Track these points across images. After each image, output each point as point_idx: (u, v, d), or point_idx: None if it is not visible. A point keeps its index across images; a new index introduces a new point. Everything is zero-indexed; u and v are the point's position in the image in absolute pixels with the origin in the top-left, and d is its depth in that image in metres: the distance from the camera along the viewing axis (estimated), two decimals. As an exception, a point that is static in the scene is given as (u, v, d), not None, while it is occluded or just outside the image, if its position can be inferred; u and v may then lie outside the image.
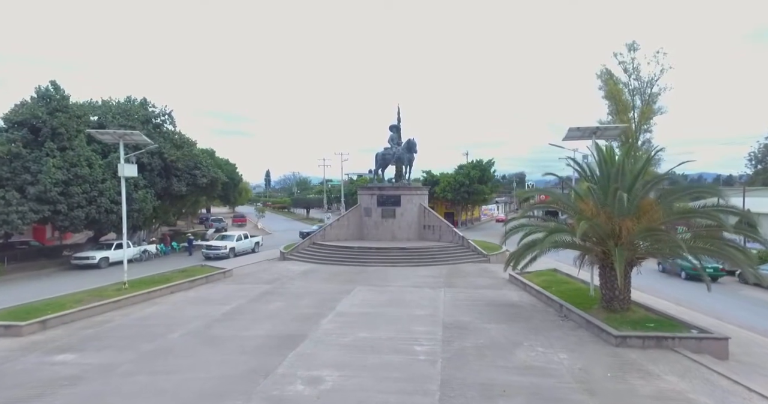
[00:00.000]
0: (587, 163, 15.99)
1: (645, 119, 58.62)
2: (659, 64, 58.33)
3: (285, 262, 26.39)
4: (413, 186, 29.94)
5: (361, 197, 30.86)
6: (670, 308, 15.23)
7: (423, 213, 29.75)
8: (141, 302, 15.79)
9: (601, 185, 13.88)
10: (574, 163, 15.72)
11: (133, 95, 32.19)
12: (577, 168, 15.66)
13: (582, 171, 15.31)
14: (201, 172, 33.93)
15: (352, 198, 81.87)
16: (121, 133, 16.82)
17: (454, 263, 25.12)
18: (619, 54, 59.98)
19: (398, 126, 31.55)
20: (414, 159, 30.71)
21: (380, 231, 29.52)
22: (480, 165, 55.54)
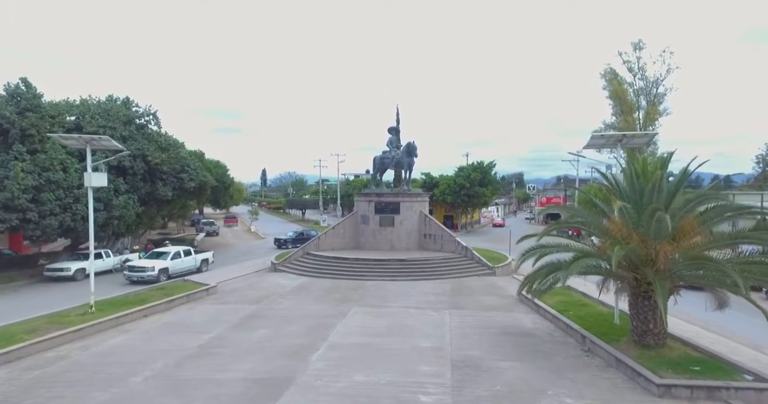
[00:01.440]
0: (611, 174, 14.24)
1: (650, 120, 57.15)
2: (665, 64, 57.07)
3: (276, 275, 24.57)
4: (413, 192, 28.18)
5: (357, 204, 29.06)
6: (702, 335, 13.57)
7: (424, 221, 27.98)
8: (108, 329, 13.94)
9: (633, 201, 12.16)
10: (600, 175, 13.96)
11: (116, 94, 30.28)
12: (605, 182, 13.93)
13: (609, 185, 13.56)
14: (189, 175, 32.09)
15: (348, 199, 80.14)
16: (88, 138, 14.93)
17: (458, 276, 23.38)
18: (624, 53, 58.62)
19: (397, 128, 29.76)
20: (414, 163, 28.96)
21: (378, 241, 27.74)
22: (481, 167, 53.86)
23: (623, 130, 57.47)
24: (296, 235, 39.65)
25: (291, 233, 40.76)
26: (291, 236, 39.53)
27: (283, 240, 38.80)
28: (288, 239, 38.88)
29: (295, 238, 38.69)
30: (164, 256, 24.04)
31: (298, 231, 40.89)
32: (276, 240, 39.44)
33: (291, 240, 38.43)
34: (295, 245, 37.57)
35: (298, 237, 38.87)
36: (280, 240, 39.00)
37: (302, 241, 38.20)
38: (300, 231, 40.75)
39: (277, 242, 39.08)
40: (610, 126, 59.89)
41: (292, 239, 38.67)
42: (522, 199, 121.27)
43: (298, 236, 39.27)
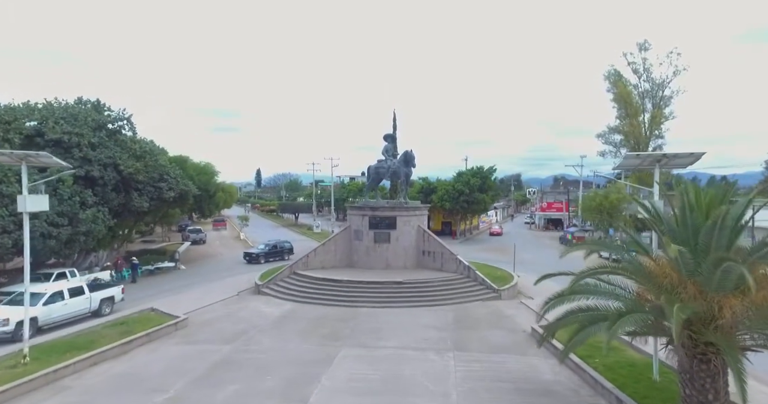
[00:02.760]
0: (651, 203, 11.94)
1: (656, 124, 55.11)
2: (672, 65, 55.15)
3: (259, 299, 22.17)
4: (411, 205, 25.84)
5: (350, 218, 26.68)
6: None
7: (422, 237, 25.66)
8: (42, 387, 11.51)
9: (683, 240, 9.87)
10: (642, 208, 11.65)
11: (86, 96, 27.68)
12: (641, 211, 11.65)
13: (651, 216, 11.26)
14: (168, 184, 29.64)
15: (343, 203, 77.74)
16: (23, 154, 12.42)
17: (461, 301, 21.09)
18: (629, 54, 56.60)
19: (394, 135, 27.41)
20: (411, 173, 26.66)
21: (372, 258, 25.40)
22: (480, 172, 51.66)
23: (629, 133, 55.51)
24: (269, 249, 35.93)
25: (262, 246, 36.78)
26: (263, 250, 35.82)
27: (254, 255, 34.94)
28: (259, 253, 35.16)
29: (268, 252, 35.33)
30: (36, 299, 16.16)
31: (271, 244, 36.86)
32: (246, 255, 35.35)
33: (263, 254, 34.91)
34: (267, 259, 34.40)
35: (271, 251, 35.60)
36: (251, 255, 35.05)
37: (276, 255, 35.57)
38: (273, 244, 36.87)
39: (247, 257, 35.07)
40: (614, 129, 57.95)
41: (264, 253, 35.16)
42: (520, 202, 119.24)
43: (271, 249, 35.83)
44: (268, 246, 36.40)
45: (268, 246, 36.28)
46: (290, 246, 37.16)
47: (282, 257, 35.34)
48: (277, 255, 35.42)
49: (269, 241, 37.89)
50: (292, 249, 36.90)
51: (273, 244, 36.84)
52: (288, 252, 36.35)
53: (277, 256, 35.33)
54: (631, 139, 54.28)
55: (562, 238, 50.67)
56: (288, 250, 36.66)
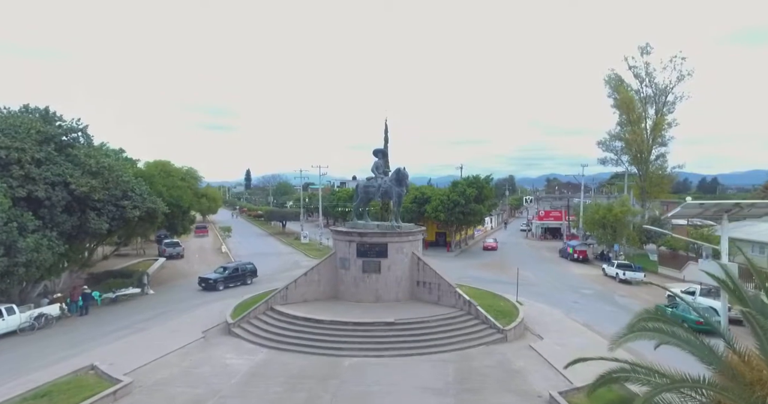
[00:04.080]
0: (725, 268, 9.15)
1: (658, 131, 52.86)
2: (676, 70, 52.91)
3: (228, 343, 19.10)
4: (404, 230, 22.93)
5: (336, 243, 23.71)
6: None
7: (417, 265, 22.79)
8: None
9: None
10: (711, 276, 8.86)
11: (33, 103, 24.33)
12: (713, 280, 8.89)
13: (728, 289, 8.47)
14: (132, 202, 26.41)
15: (333, 210, 74.58)
16: None
17: (462, 346, 18.24)
18: (630, 58, 54.26)
19: (385, 150, 24.53)
20: (404, 193, 23.77)
21: (360, 290, 22.47)
22: (477, 182, 48.95)
23: (631, 141, 53.18)
24: (229, 272, 31.33)
25: (221, 269, 31.88)
26: (221, 274, 31.00)
27: (211, 281, 30.14)
28: (217, 279, 30.40)
29: (228, 277, 31.01)
30: None
31: (231, 267, 32.21)
32: (201, 281, 30.45)
33: (221, 280, 30.45)
34: (227, 285, 30.33)
35: (231, 275, 31.27)
36: (207, 281, 30.19)
37: (237, 279, 31.42)
38: (233, 267, 32.25)
39: (202, 283, 30.25)
40: (615, 136, 55.63)
41: (224, 278, 30.65)
42: (514, 206, 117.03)
43: (231, 273, 31.37)
44: (227, 269, 31.80)
45: (227, 270, 31.67)
46: (253, 268, 32.97)
47: (244, 281, 31.68)
48: (238, 280, 31.49)
49: (228, 264, 33.32)
50: (255, 272, 32.95)
51: (233, 267, 32.33)
52: (251, 276, 32.44)
53: (238, 281, 31.42)
54: (633, 147, 52.02)
55: (563, 251, 48.15)
56: (250, 273, 32.56)
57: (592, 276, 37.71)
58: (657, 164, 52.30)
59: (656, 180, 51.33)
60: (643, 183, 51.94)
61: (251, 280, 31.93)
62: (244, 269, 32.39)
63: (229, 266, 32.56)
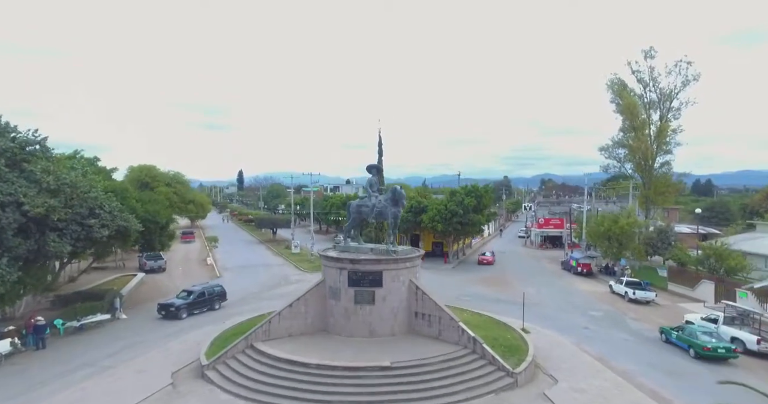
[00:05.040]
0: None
1: (663, 137, 50.96)
2: (681, 75, 51.02)
3: (199, 392, 16.67)
4: (401, 255, 20.55)
5: (325, 270, 21.34)
6: None
7: (415, 295, 20.49)
8: None
9: None
10: None
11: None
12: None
13: None
14: (100, 221, 23.95)
15: (326, 217, 72.09)
16: None
17: (467, 397, 15.99)
18: (634, 62, 52.35)
19: (379, 166, 22.40)
20: (400, 214, 21.44)
21: (352, 323, 20.14)
22: (475, 191, 46.78)
23: (635, 148, 51.17)
24: (194, 297, 27.65)
25: (184, 294, 28.09)
26: (185, 300, 27.33)
27: (173, 308, 26.40)
28: (180, 305, 26.66)
29: (192, 302, 27.44)
30: None
31: (196, 291, 28.24)
32: (161, 308, 26.63)
33: (185, 306, 26.85)
34: (191, 311, 27.00)
35: (196, 300, 27.71)
36: (168, 308, 26.43)
37: (203, 305, 27.98)
38: (199, 291, 28.36)
39: (162, 311, 26.53)
40: (618, 143, 53.63)
41: (187, 304, 27.05)
42: (511, 210, 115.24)
43: (196, 298, 27.75)
44: (192, 293, 27.94)
45: (192, 294, 27.84)
46: (221, 291, 29.65)
47: (212, 306, 28.52)
48: (205, 305, 28.17)
49: (193, 287, 29.13)
50: (224, 295, 29.66)
51: (199, 291, 28.34)
52: (219, 299, 29.20)
53: (204, 306, 28.13)
54: (637, 154, 50.04)
55: (565, 263, 46.11)
56: (219, 296, 29.26)
57: (598, 293, 35.64)
58: (661, 172, 50.40)
59: (661, 188, 49.39)
60: (648, 191, 50.00)
61: (219, 305, 28.86)
62: (211, 292, 28.89)
63: (194, 289, 28.55)
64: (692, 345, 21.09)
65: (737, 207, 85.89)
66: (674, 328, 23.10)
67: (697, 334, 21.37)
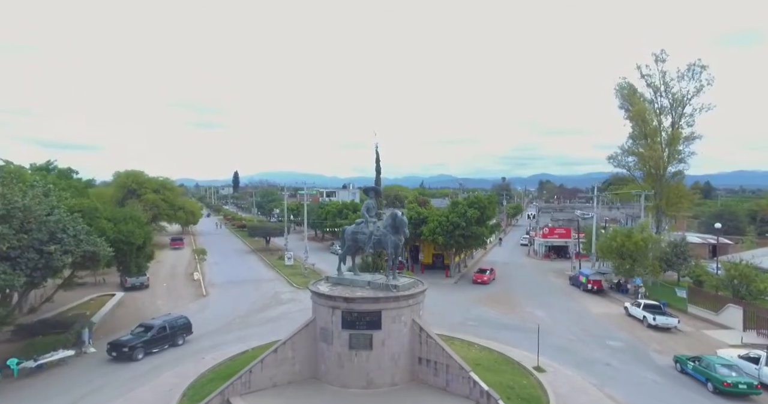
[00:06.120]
0: None
1: (675, 145, 48.53)
2: (694, 80, 48.61)
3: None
4: (403, 292, 17.87)
5: (316, 308, 18.63)
6: None
7: (418, 337, 17.83)
8: None
9: None
10: None
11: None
12: None
13: None
14: (63, 246, 21.20)
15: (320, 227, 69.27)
16: None
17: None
18: (644, 66, 49.90)
19: (377, 188, 19.67)
20: (401, 243, 18.74)
21: (347, 372, 17.44)
22: (478, 203, 44.13)
23: (647, 157, 48.70)
24: (153, 334, 23.68)
25: (140, 329, 24.13)
26: (141, 337, 23.36)
27: (127, 348, 22.40)
28: (135, 344, 22.70)
29: (151, 340, 23.54)
30: None
31: (157, 326, 24.17)
32: (112, 348, 22.62)
33: (141, 345, 22.96)
34: (149, 350, 23.21)
35: (156, 337, 23.76)
36: (121, 348, 22.44)
37: (164, 341, 24.16)
38: (160, 326, 24.28)
39: (113, 351, 22.56)
40: (628, 151, 51.12)
41: (144, 342, 23.12)
42: (511, 215, 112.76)
43: (156, 334, 23.83)
44: (150, 329, 23.95)
45: (150, 330, 23.81)
46: (185, 323, 25.82)
47: (174, 342, 24.77)
48: (166, 341, 24.38)
49: (153, 320, 25.09)
50: (189, 328, 25.88)
51: (159, 326, 24.20)
52: (183, 333, 25.42)
53: (165, 342, 24.31)
54: (649, 163, 47.55)
55: (574, 279, 43.50)
56: (182, 330, 25.46)
57: (613, 316, 33.05)
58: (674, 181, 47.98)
59: (674, 199, 46.96)
60: (659, 201, 47.55)
61: (183, 340, 25.32)
62: (173, 326, 24.95)
63: (153, 324, 24.42)
64: (711, 378, 19.93)
65: (744, 213, 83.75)
66: (690, 358, 21.80)
67: (716, 367, 20.02)
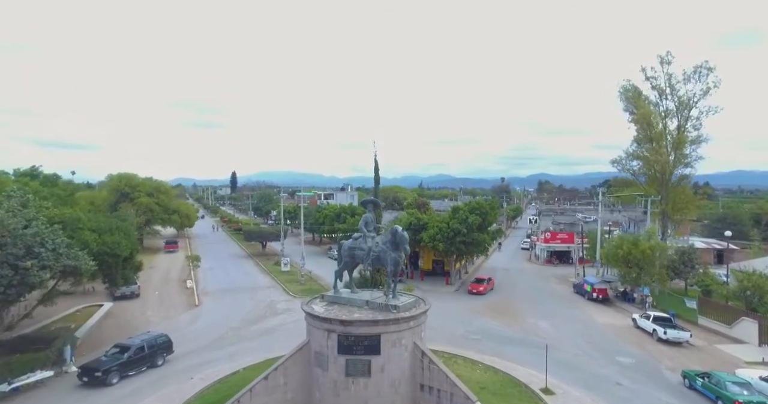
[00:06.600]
0: None
1: (681, 149, 47.32)
2: (700, 82, 47.40)
3: None
4: (403, 314, 16.59)
5: (310, 330, 17.36)
6: None
7: (420, 363, 16.57)
8: None
9: None
10: None
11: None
12: None
13: None
14: (40, 261, 19.90)
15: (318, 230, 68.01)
16: None
17: None
18: (650, 68, 48.71)
19: (376, 201, 18.36)
20: (401, 260, 17.47)
21: (343, 400, 16.18)
22: (480, 208, 42.92)
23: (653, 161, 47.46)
24: (130, 355, 21.86)
25: (116, 350, 22.27)
26: (117, 360, 21.48)
27: (101, 372, 20.51)
28: (110, 368, 20.88)
29: (128, 362, 21.74)
30: None
31: (135, 346, 22.35)
32: (83, 373, 20.71)
33: (116, 368, 21.14)
34: (125, 373, 21.42)
35: (132, 359, 21.94)
36: (93, 373, 20.53)
37: (142, 362, 22.40)
38: (139, 346, 22.51)
39: (85, 375, 20.63)
40: (633, 155, 49.93)
41: (120, 365, 21.30)
42: (511, 217, 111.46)
43: (134, 355, 22.02)
44: (128, 349, 22.04)
45: (128, 351, 21.95)
46: (166, 342, 24.08)
47: (153, 362, 23.08)
48: (144, 363, 22.65)
49: (131, 340, 23.17)
50: (170, 346, 24.23)
51: (137, 346, 22.38)
52: (163, 352, 23.74)
53: (144, 364, 22.59)
54: (655, 167, 46.29)
55: (578, 287, 42.28)
56: (162, 348, 23.76)
57: (620, 328, 31.85)
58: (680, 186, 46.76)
59: (680, 204, 45.74)
60: (665, 206, 46.33)
61: (163, 360, 23.62)
62: (153, 345, 23.15)
63: (131, 344, 22.51)
64: (721, 396, 19.52)
65: (747, 216, 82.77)
66: (700, 374, 21.33)
67: (727, 384, 19.46)
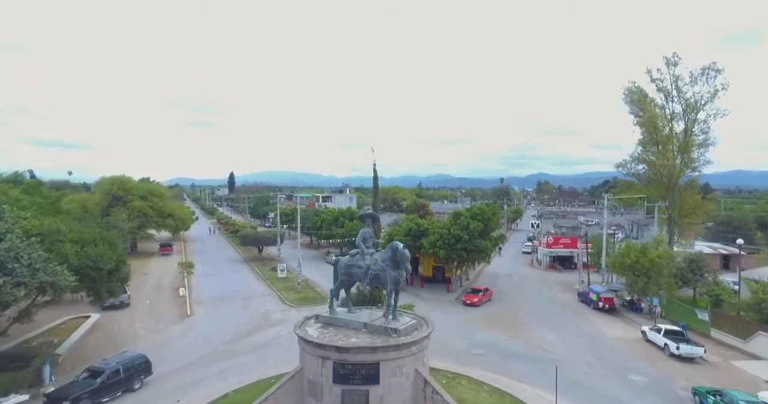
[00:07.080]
0: None
1: (688, 153, 46.13)
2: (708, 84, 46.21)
3: None
4: (404, 339, 15.29)
5: (303, 356, 16.03)
6: None
7: (422, 392, 15.24)
8: None
9: None
10: None
11: None
12: None
13: None
14: (14, 278, 18.55)
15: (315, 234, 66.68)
16: None
17: None
18: (655, 69, 47.52)
19: (375, 214, 17.05)
20: (401, 279, 16.15)
21: (338, 434, 14.85)
22: (482, 214, 41.65)
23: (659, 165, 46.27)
24: (103, 380, 19.86)
25: (86, 375, 20.23)
26: (89, 386, 19.41)
27: (69, 402, 18.35)
28: (80, 395, 18.73)
29: (99, 388, 19.59)
30: None
31: (109, 369, 20.34)
32: (49, 401, 18.60)
33: (87, 395, 19.04)
34: (97, 400, 19.35)
35: (107, 383, 19.96)
36: (59, 401, 18.48)
37: (117, 386, 20.29)
38: (114, 369, 20.46)
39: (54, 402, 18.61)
40: (638, 159, 48.72)
41: (90, 392, 19.16)
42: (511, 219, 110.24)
43: (108, 379, 20.03)
44: (101, 374, 20.07)
45: (101, 375, 19.98)
46: (143, 363, 22.08)
47: (130, 386, 21.05)
48: (120, 387, 20.63)
49: (105, 362, 21.20)
50: (148, 368, 22.23)
51: (112, 370, 20.36)
52: (140, 375, 21.68)
53: (119, 389, 20.56)
54: (661, 171, 45.06)
55: (583, 296, 41.02)
56: (140, 371, 21.74)
57: (630, 341, 30.55)
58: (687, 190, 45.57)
59: (687, 209, 44.53)
60: (672, 212, 45.10)
61: (141, 383, 21.59)
62: (129, 368, 21.09)
63: (105, 367, 20.47)
64: None
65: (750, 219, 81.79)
66: (711, 392, 20.78)
67: None
